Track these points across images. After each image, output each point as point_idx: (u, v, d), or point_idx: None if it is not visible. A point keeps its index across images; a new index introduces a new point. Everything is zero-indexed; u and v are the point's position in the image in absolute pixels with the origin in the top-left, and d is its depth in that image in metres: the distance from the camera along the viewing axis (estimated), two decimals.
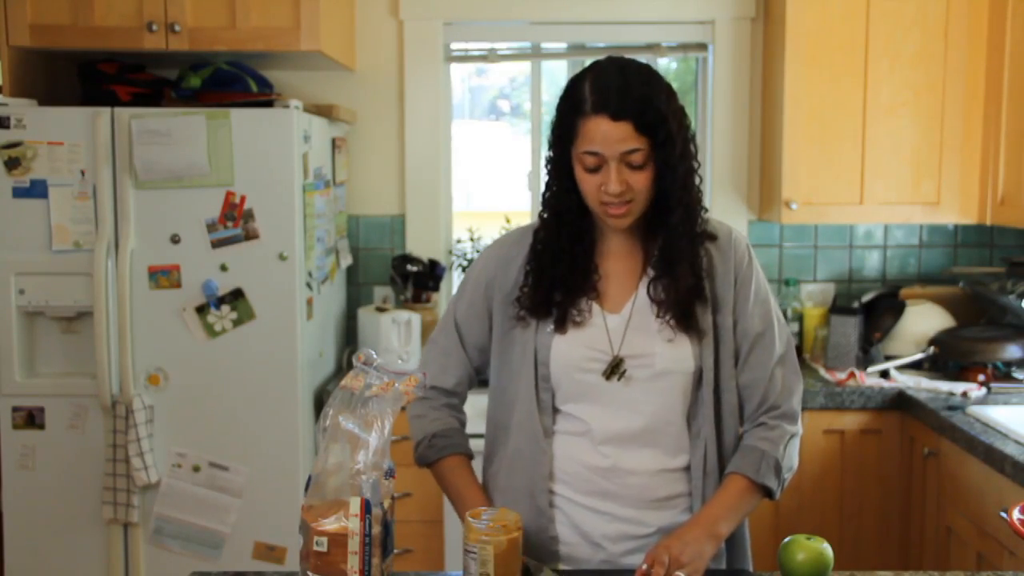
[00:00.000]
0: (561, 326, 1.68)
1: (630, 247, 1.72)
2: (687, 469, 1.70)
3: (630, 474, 1.68)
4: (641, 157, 1.58)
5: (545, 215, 1.71)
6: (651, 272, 1.68)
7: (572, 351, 1.68)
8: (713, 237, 1.71)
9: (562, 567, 1.71)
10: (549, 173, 1.70)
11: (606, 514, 1.69)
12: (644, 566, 1.53)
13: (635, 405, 1.67)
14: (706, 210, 1.71)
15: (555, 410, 1.72)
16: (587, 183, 1.62)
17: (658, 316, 1.66)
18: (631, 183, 1.60)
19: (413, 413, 1.81)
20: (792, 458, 1.70)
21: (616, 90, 1.57)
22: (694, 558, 1.55)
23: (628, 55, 1.69)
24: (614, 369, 1.66)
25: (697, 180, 1.67)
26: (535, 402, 1.70)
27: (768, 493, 1.68)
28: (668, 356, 1.66)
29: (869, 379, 3.08)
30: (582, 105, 1.59)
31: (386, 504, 1.45)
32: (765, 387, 1.71)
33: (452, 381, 1.81)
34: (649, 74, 1.61)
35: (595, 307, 1.69)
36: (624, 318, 1.68)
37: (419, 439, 1.79)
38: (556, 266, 1.68)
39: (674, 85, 1.70)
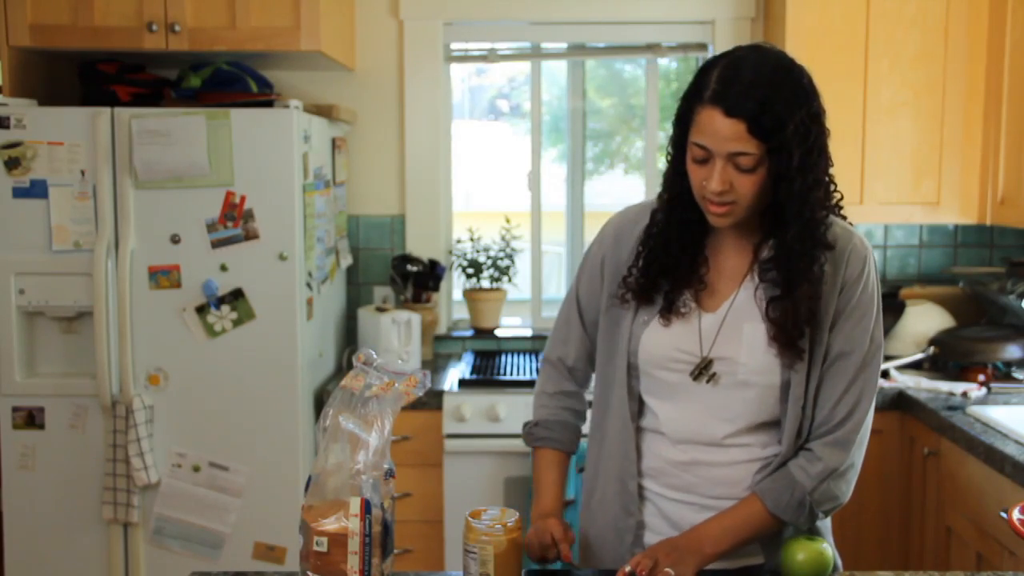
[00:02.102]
0: (662, 316, 1.62)
1: (740, 245, 1.63)
2: (773, 457, 1.64)
3: (711, 466, 1.64)
4: (751, 161, 1.47)
5: (665, 196, 1.63)
6: (759, 280, 1.59)
7: (659, 347, 1.63)
8: (830, 246, 1.56)
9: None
10: (669, 152, 1.61)
11: (693, 504, 1.66)
12: (627, 568, 1.53)
13: (717, 410, 1.62)
14: (834, 215, 1.59)
15: (641, 401, 1.69)
16: (694, 174, 1.53)
17: (773, 339, 1.56)
18: (736, 185, 1.49)
19: (536, 389, 1.83)
20: (831, 491, 1.59)
21: (741, 84, 1.45)
22: (675, 564, 1.53)
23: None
24: (703, 370, 1.61)
25: (827, 192, 1.56)
26: (626, 388, 1.68)
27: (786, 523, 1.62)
28: (752, 367, 1.58)
29: None
30: (703, 92, 1.49)
31: (386, 504, 1.45)
32: (831, 408, 1.60)
33: (572, 355, 1.80)
34: (783, 73, 1.48)
35: (693, 304, 1.62)
36: (719, 318, 1.61)
37: (527, 421, 1.82)
38: (667, 254, 1.62)
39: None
